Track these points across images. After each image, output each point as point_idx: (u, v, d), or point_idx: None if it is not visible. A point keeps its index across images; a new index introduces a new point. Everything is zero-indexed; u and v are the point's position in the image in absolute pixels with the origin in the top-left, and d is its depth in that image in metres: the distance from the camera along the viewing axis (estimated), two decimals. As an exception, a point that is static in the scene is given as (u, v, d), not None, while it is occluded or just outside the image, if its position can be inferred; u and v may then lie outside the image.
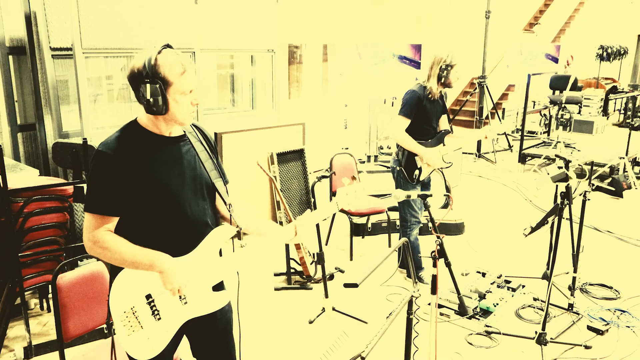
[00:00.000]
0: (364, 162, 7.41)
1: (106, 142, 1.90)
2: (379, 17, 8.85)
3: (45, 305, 3.94)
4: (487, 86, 8.86)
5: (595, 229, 5.69)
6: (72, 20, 4.23)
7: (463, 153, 8.37)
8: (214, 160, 2.12)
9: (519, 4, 12.43)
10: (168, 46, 1.92)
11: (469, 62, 9.85)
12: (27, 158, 4.64)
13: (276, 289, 4.34)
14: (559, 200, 3.27)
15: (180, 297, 1.98)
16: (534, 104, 10.42)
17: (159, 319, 1.96)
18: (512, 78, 10.01)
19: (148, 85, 1.85)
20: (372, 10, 8.69)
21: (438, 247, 2.39)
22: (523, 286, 4.30)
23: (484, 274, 4.45)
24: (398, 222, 5.54)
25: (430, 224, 3.09)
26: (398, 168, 4.16)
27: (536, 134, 10.41)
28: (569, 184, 3.12)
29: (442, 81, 4.06)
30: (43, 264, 3.50)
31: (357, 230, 5.47)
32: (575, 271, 3.93)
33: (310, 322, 3.80)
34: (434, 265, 2.36)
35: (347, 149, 4.93)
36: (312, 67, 7.89)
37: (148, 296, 1.95)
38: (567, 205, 3.13)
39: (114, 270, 1.96)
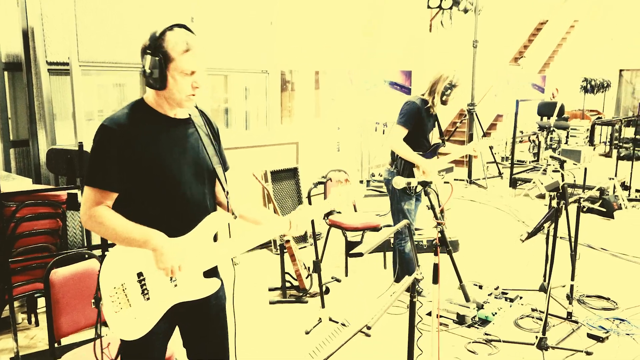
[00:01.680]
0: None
1: (112, 117, 1.90)
2: (369, 44, 9.05)
3: (33, 319, 3.83)
4: (476, 113, 9.01)
5: (589, 247, 5.69)
6: (69, 33, 4.28)
7: (455, 180, 8.45)
8: (216, 146, 2.12)
9: (504, 38, 12.78)
10: (184, 27, 1.93)
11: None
12: (19, 173, 4.60)
13: (271, 303, 4.26)
14: (554, 204, 3.29)
15: (171, 278, 1.94)
16: (522, 133, 10.59)
17: (148, 298, 1.92)
18: (500, 107, 10.20)
19: (149, 57, 1.86)
20: (363, 39, 8.90)
21: (439, 235, 2.37)
22: (520, 297, 4.27)
23: (480, 287, 4.42)
24: (392, 240, 5.55)
25: (423, 242, 3.07)
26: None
27: (525, 162, 10.54)
28: (564, 185, 3.14)
29: (443, 99, 4.11)
30: (33, 271, 3.42)
31: (352, 248, 5.41)
32: (572, 279, 3.91)
33: (307, 333, 3.72)
34: (435, 254, 2.34)
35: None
36: (304, 94, 8.00)
37: (139, 274, 1.91)
38: (564, 206, 3.14)
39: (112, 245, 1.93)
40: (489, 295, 4.24)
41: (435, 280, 2.39)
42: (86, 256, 2.79)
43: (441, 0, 9.49)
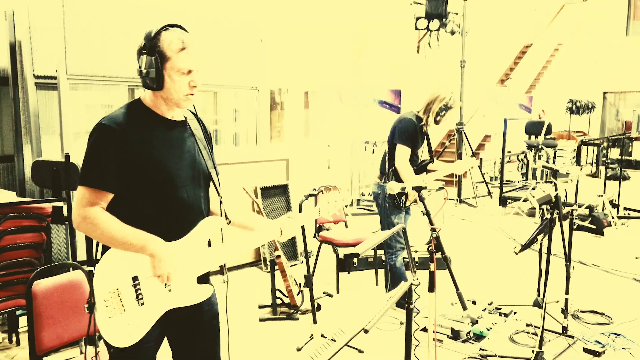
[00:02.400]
0: (347, 205, 7.39)
1: (110, 116, 1.86)
2: (358, 64, 9.12)
3: (14, 338, 3.69)
4: (465, 133, 9.05)
5: (580, 263, 5.67)
6: (58, 46, 4.24)
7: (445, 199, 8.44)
8: (210, 151, 2.09)
9: (490, 60, 12.97)
10: (179, 27, 1.91)
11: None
12: (3, 188, 4.50)
13: (262, 320, 4.16)
14: (547, 214, 3.27)
15: (165, 284, 1.87)
16: (509, 153, 10.68)
17: (142, 304, 1.85)
18: (488, 128, 10.28)
19: (144, 57, 1.83)
20: (352, 59, 8.96)
21: (434, 241, 2.32)
22: (515, 312, 4.21)
23: (474, 302, 4.36)
24: (384, 258, 5.48)
25: (410, 259, 3.00)
26: (387, 193, 4.10)
27: (513, 182, 10.58)
28: (557, 194, 3.12)
29: (437, 119, 4.11)
30: (15, 287, 3.31)
31: (343, 265, 5.34)
32: (567, 292, 3.86)
33: (299, 350, 3.62)
34: (431, 260, 2.28)
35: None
36: (294, 113, 8.00)
37: (134, 278, 1.84)
38: (558, 215, 3.12)
39: (105, 248, 1.85)
40: (482, 310, 4.18)
41: (432, 288, 2.33)
42: (71, 268, 2.70)
43: (428, 22, 9.64)
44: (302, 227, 5.42)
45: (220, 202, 2.07)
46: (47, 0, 4.36)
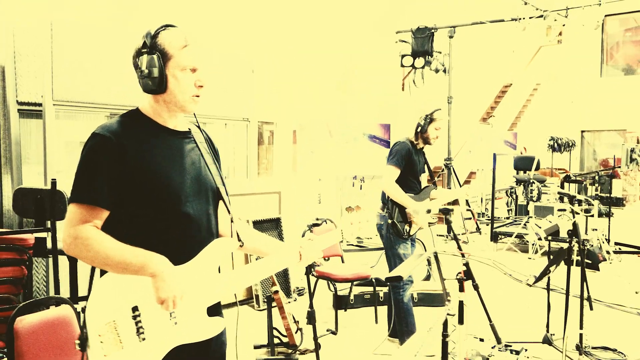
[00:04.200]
0: (341, 241, 7.17)
1: (105, 125, 1.65)
2: (346, 99, 9.09)
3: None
4: (453, 168, 9.01)
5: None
6: (44, 71, 4.03)
7: (437, 235, 8.29)
8: (218, 167, 1.89)
9: (472, 98, 13.14)
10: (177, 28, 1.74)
11: (433, 149, 10.14)
12: (-22, 221, 4.19)
13: (258, 362, 3.87)
14: (564, 244, 3.12)
15: (170, 314, 1.63)
16: (498, 191, 10.66)
17: (144, 339, 1.59)
18: (475, 163, 10.27)
19: (145, 56, 1.65)
20: (340, 94, 8.93)
21: (464, 268, 2.14)
22: (525, 350, 4.00)
23: (481, 339, 4.13)
24: (382, 294, 5.25)
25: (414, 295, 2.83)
26: (390, 221, 3.93)
27: (499, 218, 10.51)
28: (575, 222, 2.98)
29: (423, 134, 4.02)
30: (-9, 327, 2.99)
31: (340, 302, 5.09)
32: (581, 327, 3.69)
33: (301, 393, 3.34)
34: (460, 289, 2.10)
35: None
36: (283, 147, 7.86)
37: (134, 308, 1.58)
38: (577, 244, 2.97)
39: (99, 274, 1.61)
40: (492, 348, 3.96)
41: (461, 320, 2.14)
42: (56, 304, 2.43)
43: (414, 60, 9.72)
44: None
45: (232, 222, 1.86)
46: (34, 25, 4.19)
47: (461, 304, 2.12)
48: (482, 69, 13.56)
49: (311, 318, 3.52)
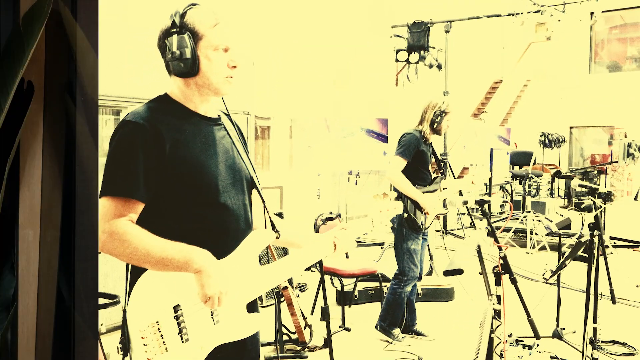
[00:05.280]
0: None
1: (136, 111, 1.55)
2: (343, 94, 9.02)
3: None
4: (449, 163, 8.99)
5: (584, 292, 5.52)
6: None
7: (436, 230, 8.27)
8: (248, 155, 1.81)
9: (464, 94, 13.16)
10: None
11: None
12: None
13: (267, 359, 3.78)
14: (584, 236, 3.08)
15: (212, 313, 1.54)
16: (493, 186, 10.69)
17: (186, 339, 1.48)
18: (469, 158, 10.27)
19: (174, 37, 1.53)
20: (336, 89, 8.86)
21: (501, 261, 2.08)
22: (537, 344, 3.97)
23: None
24: (386, 290, 5.19)
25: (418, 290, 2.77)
26: (405, 215, 3.85)
27: (493, 214, 10.54)
28: (597, 214, 2.94)
29: (434, 127, 3.98)
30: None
31: (346, 297, 5.02)
32: (595, 321, 3.67)
33: (316, 391, 3.27)
34: (497, 284, 2.03)
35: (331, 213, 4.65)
36: (280, 141, 7.76)
37: (176, 307, 1.48)
38: (598, 237, 2.93)
39: (135, 273, 1.50)
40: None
41: (498, 314, 2.08)
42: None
43: (408, 55, 9.68)
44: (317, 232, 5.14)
45: (266, 211, 1.77)
46: None
47: (499, 299, 2.06)
48: (474, 65, 13.59)
49: (325, 314, 3.44)
